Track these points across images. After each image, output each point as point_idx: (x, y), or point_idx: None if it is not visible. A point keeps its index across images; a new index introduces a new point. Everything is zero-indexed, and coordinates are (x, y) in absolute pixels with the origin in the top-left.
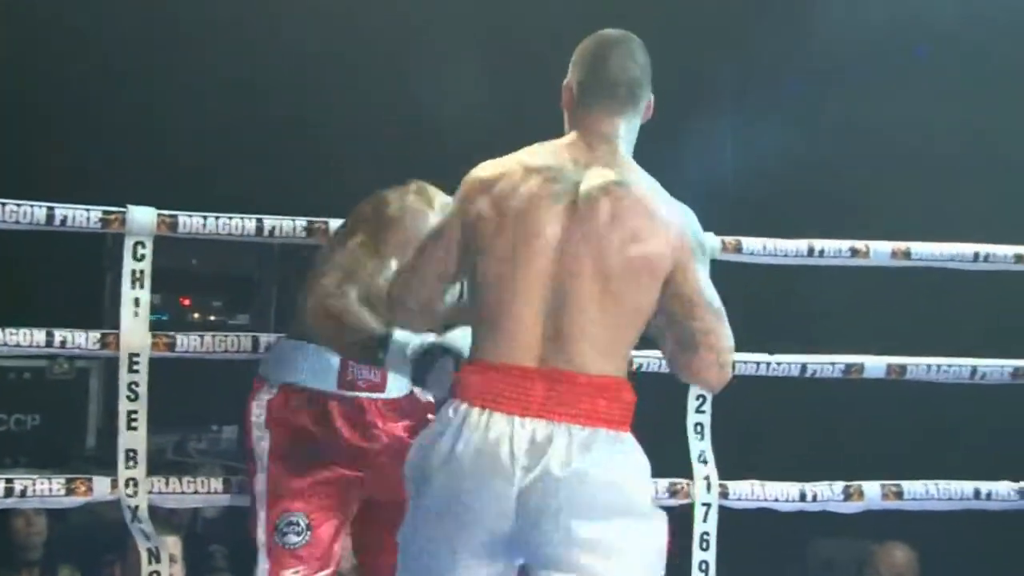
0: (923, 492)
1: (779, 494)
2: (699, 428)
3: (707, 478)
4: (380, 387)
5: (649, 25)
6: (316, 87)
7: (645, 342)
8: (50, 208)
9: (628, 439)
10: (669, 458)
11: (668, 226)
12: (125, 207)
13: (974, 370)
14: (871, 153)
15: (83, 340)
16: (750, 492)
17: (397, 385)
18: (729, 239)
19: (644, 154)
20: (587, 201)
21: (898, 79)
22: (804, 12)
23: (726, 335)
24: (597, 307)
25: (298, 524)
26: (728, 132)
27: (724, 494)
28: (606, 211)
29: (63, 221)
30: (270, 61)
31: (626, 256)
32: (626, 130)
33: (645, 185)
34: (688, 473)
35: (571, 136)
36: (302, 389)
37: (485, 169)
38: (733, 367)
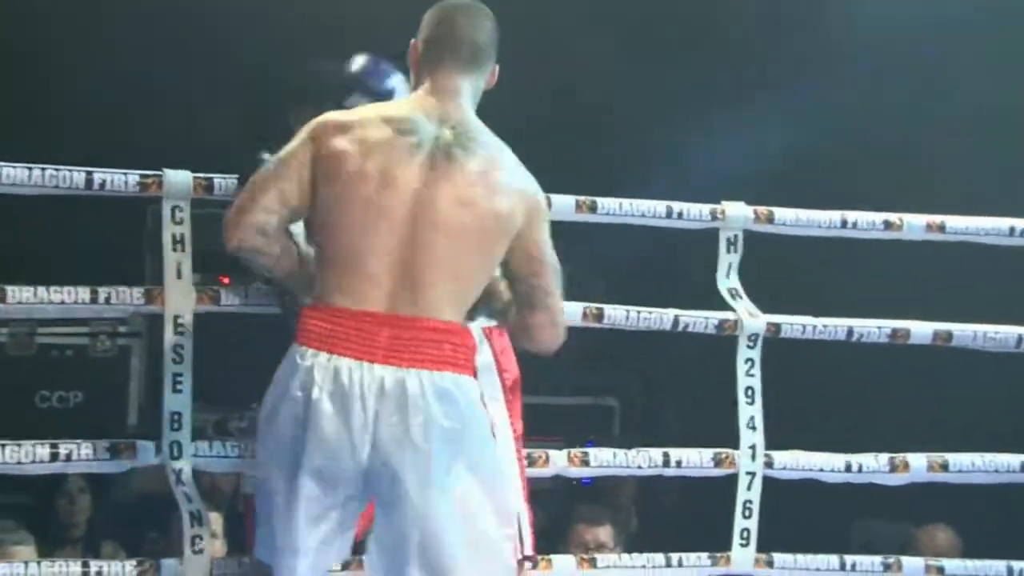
0: (969, 464)
1: (824, 464)
2: (749, 392)
3: (753, 446)
4: None
5: None
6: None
7: (692, 303)
8: (89, 172)
9: (472, 383)
10: (713, 426)
11: (521, 183)
12: (161, 171)
13: (1020, 338)
14: (904, 126)
15: (128, 296)
16: (795, 462)
17: None
18: (761, 209)
19: (680, 123)
20: (445, 154)
21: (933, 50)
22: None
23: (560, 297)
24: (450, 257)
25: None
26: (760, 105)
27: (769, 463)
28: (463, 165)
29: (102, 185)
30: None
31: (483, 209)
32: (470, 90)
33: (496, 144)
34: (733, 443)
35: (419, 92)
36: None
37: (339, 115)
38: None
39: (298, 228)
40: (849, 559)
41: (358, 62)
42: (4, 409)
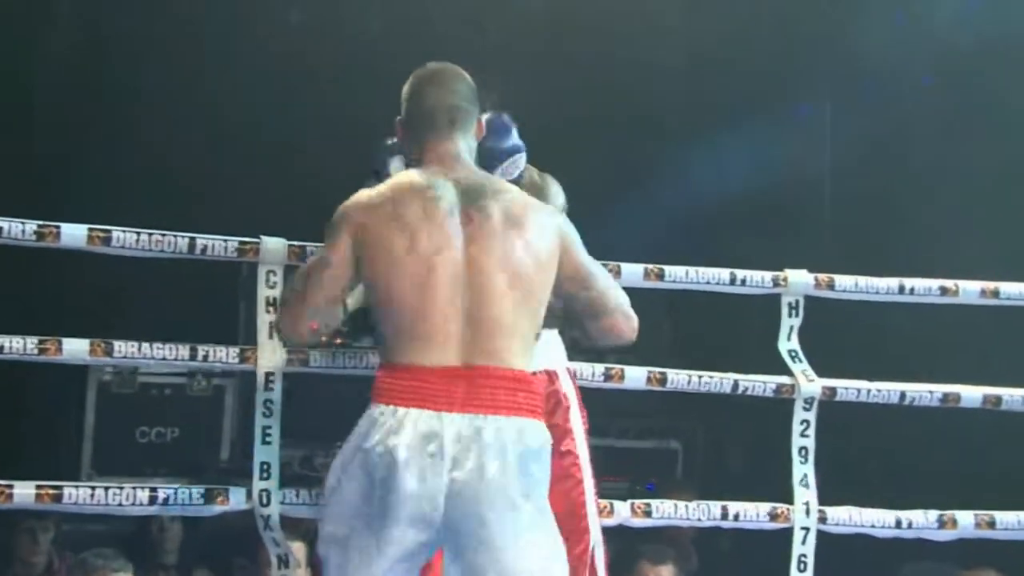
0: (1015, 522)
1: (875, 520)
2: (803, 452)
3: (807, 503)
4: None
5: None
6: None
7: (748, 367)
8: (192, 238)
9: (543, 429)
10: (768, 482)
11: (550, 218)
12: (259, 238)
13: None
14: (959, 191)
15: (224, 355)
16: (848, 518)
17: None
18: (822, 276)
19: (733, 187)
20: (476, 208)
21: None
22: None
23: (619, 290)
24: (509, 300)
25: None
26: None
27: (823, 519)
28: (498, 214)
29: (203, 250)
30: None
31: (527, 251)
32: (465, 148)
33: (510, 187)
34: (787, 498)
35: (424, 164)
36: None
37: (362, 196)
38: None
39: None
40: None
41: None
42: (107, 443)
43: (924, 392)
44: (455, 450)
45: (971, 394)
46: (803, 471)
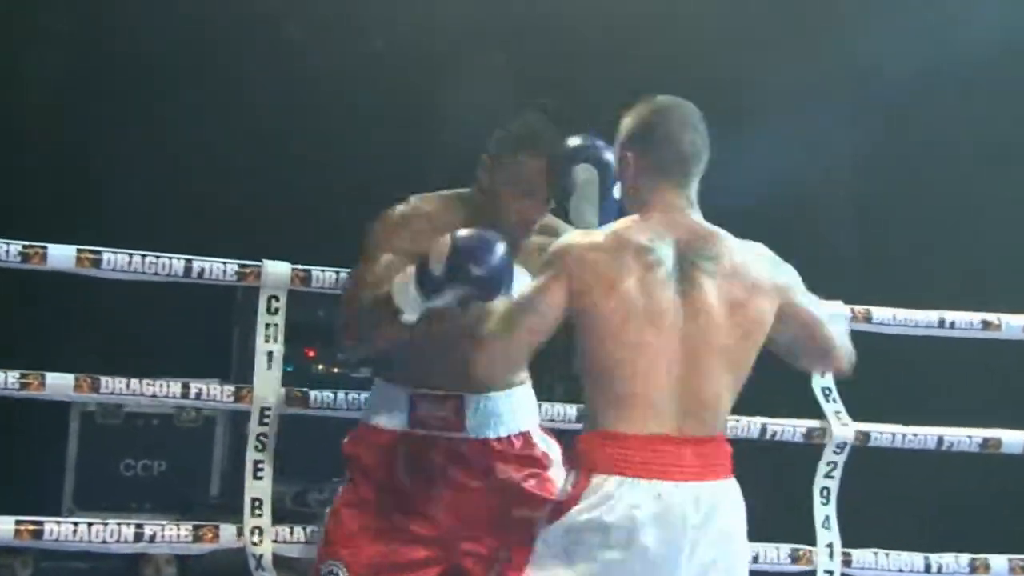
0: None
1: (904, 564)
2: (825, 493)
3: (830, 545)
4: (455, 425)
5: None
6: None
7: (774, 411)
8: (188, 260)
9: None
10: (791, 523)
11: (766, 278)
12: (261, 261)
13: None
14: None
15: (217, 393)
16: (874, 561)
17: (484, 424)
18: (859, 308)
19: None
20: (694, 269)
21: None
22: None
23: (839, 334)
24: (727, 372)
25: (335, 574)
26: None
27: (847, 562)
28: (714, 276)
29: (200, 273)
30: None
31: (741, 322)
32: (694, 196)
33: (735, 246)
34: (810, 539)
35: (649, 213)
36: (376, 429)
37: (582, 242)
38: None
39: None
40: None
41: (576, 139)
42: (90, 476)
43: (963, 437)
44: (696, 518)
45: (1013, 439)
46: (825, 512)
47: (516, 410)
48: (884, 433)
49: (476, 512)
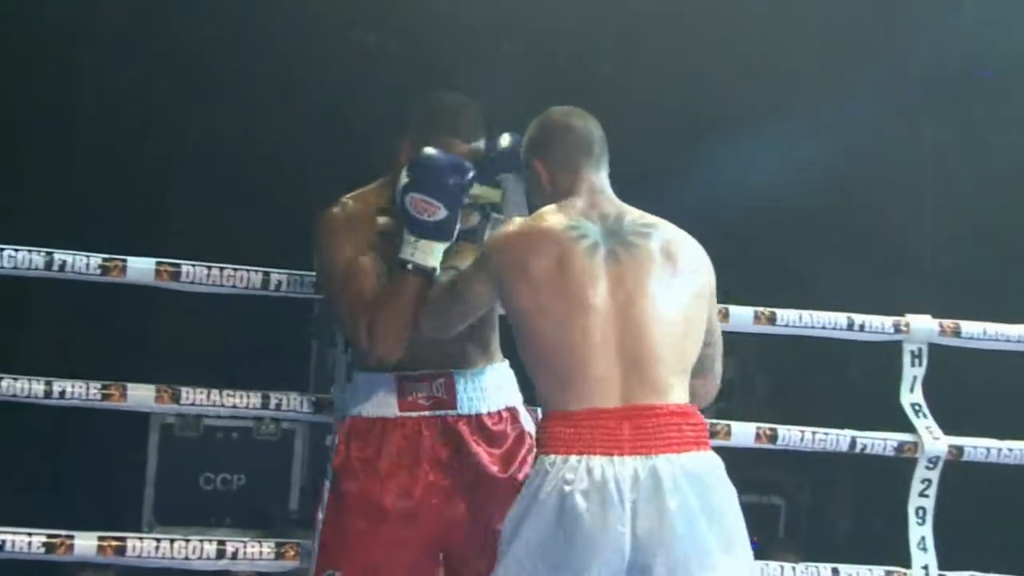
0: None
1: None
2: (921, 513)
3: (926, 567)
4: (448, 404)
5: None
6: None
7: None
8: (266, 272)
9: (715, 459)
10: (877, 542)
11: (702, 254)
12: None
13: None
14: None
15: (297, 403)
16: None
17: (475, 399)
18: (947, 322)
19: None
20: (624, 245)
21: None
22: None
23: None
24: (669, 339)
25: None
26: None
27: None
28: (647, 249)
29: (278, 286)
30: None
31: (685, 284)
32: (608, 182)
33: (663, 222)
34: (902, 561)
35: (570, 200)
36: (364, 420)
37: (513, 228)
38: None
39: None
40: None
41: (507, 139)
42: (170, 490)
43: None
44: (633, 494)
45: None
46: (921, 533)
47: (502, 385)
48: (978, 448)
49: (466, 494)
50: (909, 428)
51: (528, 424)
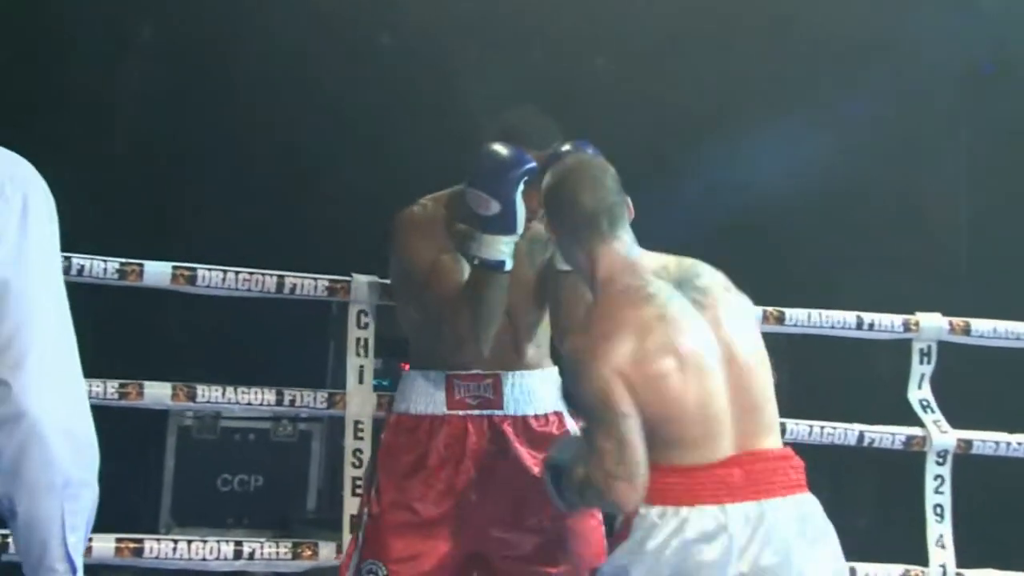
0: None
1: None
2: (939, 510)
3: (943, 565)
4: (495, 404)
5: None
6: None
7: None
8: (280, 276)
9: (814, 501)
10: (902, 542)
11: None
12: (350, 276)
13: None
14: None
15: (311, 399)
16: None
17: (522, 401)
18: (957, 320)
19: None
20: (694, 291)
21: None
22: None
23: None
24: (762, 380)
25: (375, 573)
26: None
27: None
28: (711, 294)
29: (292, 289)
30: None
31: (748, 308)
32: (630, 239)
33: (706, 268)
34: (920, 559)
35: (608, 268)
36: (412, 416)
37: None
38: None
39: None
40: None
41: (567, 145)
42: (188, 492)
43: None
44: (743, 540)
45: None
46: (939, 531)
47: (550, 390)
48: (987, 441)
49: (507, 493)
50: (918, 425)
51: (575, 429)
